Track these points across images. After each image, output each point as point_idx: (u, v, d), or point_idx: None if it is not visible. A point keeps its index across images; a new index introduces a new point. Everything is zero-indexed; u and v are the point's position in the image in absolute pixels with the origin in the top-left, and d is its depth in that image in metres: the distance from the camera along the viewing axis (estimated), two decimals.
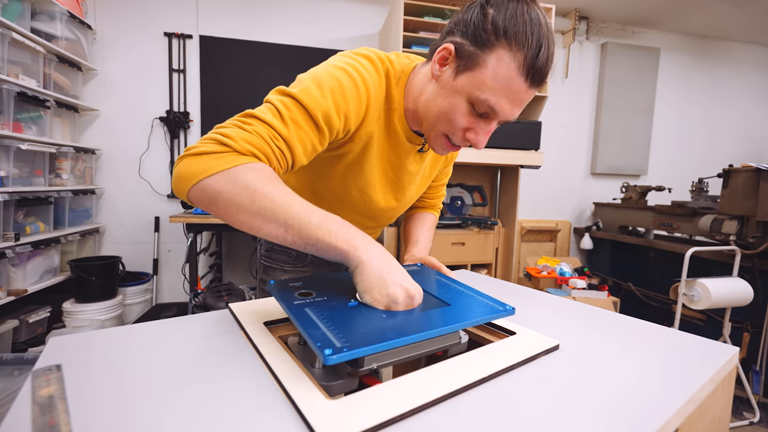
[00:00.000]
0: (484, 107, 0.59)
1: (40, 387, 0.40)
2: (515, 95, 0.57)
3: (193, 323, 0.59)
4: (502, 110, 0.58)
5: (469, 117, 0.61)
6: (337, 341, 0.40)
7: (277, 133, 0.55)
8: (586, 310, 0.71)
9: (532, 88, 0.58)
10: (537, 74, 0.56)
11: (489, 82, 0.56)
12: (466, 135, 0.64)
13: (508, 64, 0.55)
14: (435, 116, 0.64)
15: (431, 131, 0.67)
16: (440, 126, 0.65)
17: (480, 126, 0.62)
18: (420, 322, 0.47)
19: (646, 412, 0.39)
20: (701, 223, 2.27)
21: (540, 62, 0.55)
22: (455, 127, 0.63)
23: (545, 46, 0.55)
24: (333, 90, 0.59)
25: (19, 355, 1.47)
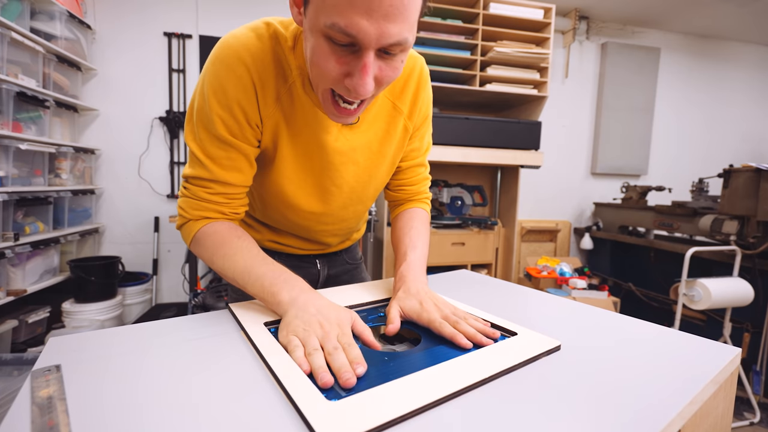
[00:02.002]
0: (340, 36, 0.45)
1: (40, 387, 0.40)
2: (369, 4, 0.42)
3: (193, 323, 0.59)
4: (363, 30, 0.43)
5: (335, 57, 0.47)
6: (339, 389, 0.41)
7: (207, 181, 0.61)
8: (587, 310, 0.71)
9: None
10: None
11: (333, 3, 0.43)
12: (345, 82, 0.49)
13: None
14: (311, 72, 0.52)
15: (317, 91, 0.54)
16: (319, 82, 0.52)
17: (353, 64, 0.48)
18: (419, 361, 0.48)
19: (647, 413, 0.39)
20: (701, 223, 2.27)
21: None
22: (329, 77, 0.50)
23: None
24: (217, 95, 0.55)
25: (18, 356, 1.47)
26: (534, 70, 2.43)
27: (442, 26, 2.27)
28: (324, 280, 0.87)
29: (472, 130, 2.28)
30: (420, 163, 0.81)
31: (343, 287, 0.77)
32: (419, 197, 0.83)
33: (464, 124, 2.26)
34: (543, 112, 2.52)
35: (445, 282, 0.87)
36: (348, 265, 0.92)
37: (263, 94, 0.58)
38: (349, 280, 0.91)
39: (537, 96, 2.44)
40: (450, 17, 2.32)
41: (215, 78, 0.56)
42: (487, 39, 2.34)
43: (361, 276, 0.95)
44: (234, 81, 0.55)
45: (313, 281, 0.85)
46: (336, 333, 0.48)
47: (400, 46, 0.48)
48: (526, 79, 2.41)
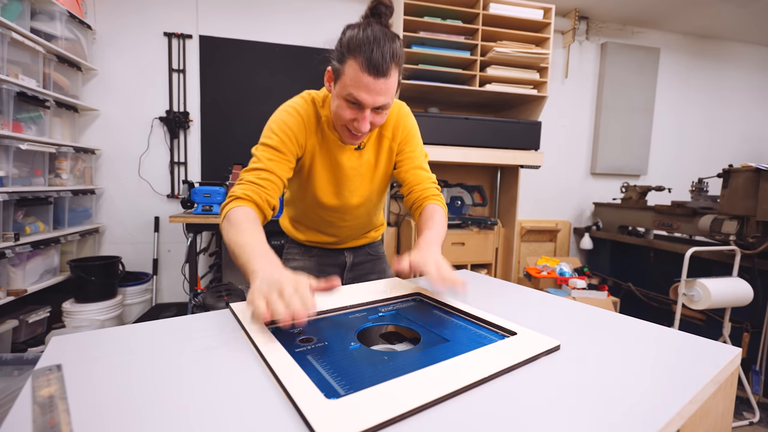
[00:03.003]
0: (352, 99, 0.81)
1: (41, 387, 0.40)
2: (367, 87, 0.79)
3: (193, 323, 0.59)
4: (365, 99, 0.80)
5: (349, 110, 0.84)
6: (341, 388, 0.41)
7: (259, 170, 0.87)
8: (586, 310, 0.71)
9: (380, 78, 0.78)
10: (375, 68, 0.77)
11: (348, 82, 0.80)
12: (354, 124, 0.85)
13: (354, 68, 0.79)
14: (334, 116, 0.89)
15: (337, 127, 0.91)
16: (339, 122, 0.89)
17: (359, 115, 0.84)
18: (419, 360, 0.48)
19: (647, 412, 0.39)
20: (701, 223, 2.27)
21: (375, 58, 0.77)
22: (345, 120, 0.85)
23: (377, 48, 0.77)
24: (280, 126, 0.91)
25: (18, 355, 1.47)
26: (534, 70, 2.44)
27: (442, 26, 2.27)
28: (350, 266, 1.16)
29: (472, 130, 2.28)
30: (418, 165, 1.03)
31: (345, 287, 0.78)
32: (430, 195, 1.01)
33: (464, 124, 2.27)
34: (543, 112, 2.52)
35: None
36: (370, 256, 1.20)
37: (308, 129, 0.94)
38: (371, 268, 1.20)
39: (537, 96, 2.45)
40: (450, 17, 2.32)
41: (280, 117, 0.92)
42: (486, 39, 2.34)
43: (382, 266, 1.22)
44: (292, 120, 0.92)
45: (341, 266, 1.16)
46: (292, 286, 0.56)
47: (383, 107, 0.84)
48: (526, 79, 2.41)
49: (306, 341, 0.53)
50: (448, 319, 0.64)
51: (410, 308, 0.69)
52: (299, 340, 0.54)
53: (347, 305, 0.67)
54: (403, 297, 0.75)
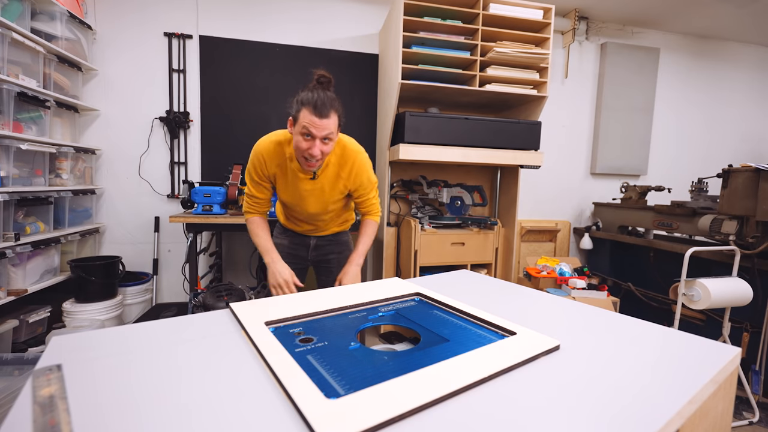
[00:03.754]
0: (306, 132, 1.16)
1: (41, 387, 0.40)
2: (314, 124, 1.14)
3: (193, 323, 0.59)
4: (314, 131, 1.15)
5: (305, 141, 1.17)
6: (340, 388, 0.41)
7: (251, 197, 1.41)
8: (586, 310, 0.71)
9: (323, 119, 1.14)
10: (320, 111, 1.13)
11: (303, 122, 1.15)
12: (308, 151, 1.18)
13: (305, 112, 1.14)
14: (295, 148, 1.23)
15: (298, 158, 1.27)
16: (297, 152, 1.23)
17: (310, 144, 1.17)
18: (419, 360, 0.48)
19: (647, 412, 0.39)
20: (701, 223, 2.28)
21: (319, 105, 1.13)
22: (302, 149, 1.19)
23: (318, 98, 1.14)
24: (254, 166, 1.35)
25: (19, 355, 1.47)
26: (534, 70, 2.44)
27: (441, 26, 2.27)
28: (313, 247, 1.56)
29: (472, 130, 2.28)
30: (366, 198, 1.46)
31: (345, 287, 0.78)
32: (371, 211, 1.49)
33: (464, 124, 2.27)
34: (543, 112, 2.52)
35: (446, 282, 0.88)
36: (331, 241, 1.58)
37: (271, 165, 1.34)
38: (330, 249, 1.57)
39: (537, 96, 2.45)
40: (450, 17, 2.32)
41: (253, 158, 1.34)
42: (486, 39, 2.34)
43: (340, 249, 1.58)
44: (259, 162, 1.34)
45: (306, 246, 1.56)
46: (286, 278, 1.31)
47: (329, 138, 1.18)
48: (526, 80, 2.41)
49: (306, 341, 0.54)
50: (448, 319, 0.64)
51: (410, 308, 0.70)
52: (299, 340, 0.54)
53: (347, 305, 0.67)
54: (403, 297, 0.75)
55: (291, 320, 0.61)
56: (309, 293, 0.72)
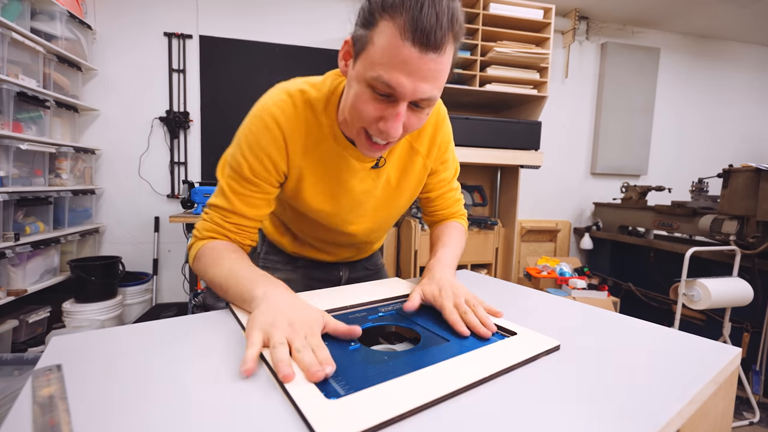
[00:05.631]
0: (381, 86, 0.53)
1: (41, 387, 0.40)
2: (408, 64, 0.51)
3: (193, 323, 0.59)
4: (400, 85, 0.52)
5: (374, 104, 0.56)
6: (340, 388, 0.41)
7: (225, 211, 0.69)
8: (586, 310, 0.71)
9: (427, 53, 0.51)
10: (423, 35, 0.49)
11: (377, 57, 0.52)
12: (378, 125, 0.58)
13: (389, 33, 0.51)
14: (349, 113, 0.61)
15: (351, 130, 0.63)
16: (355, 122, 0.60)
17: (388, 111, 0.56)
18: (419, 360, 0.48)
19: (647, 412, 0.39)
20: (701, 223, 2.27)
21: (424, 22, 0.49)
22: (365, 119, 0.58)
23: (428, 4, 0.49)
24: (250, 144, 0.67)
25: (18, 355, 1.47)
26: (534, 70, 2.43)
27: None
28: (345, 282, 0.96)
29: (472, 130, 2.28)
30: (449, 188, 0.89)
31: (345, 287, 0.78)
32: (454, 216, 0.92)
33: (464, 124, 2.27)
34: (543, 112, 2.52)
35: None
36: (368, 270, 1.01)
37: (293, 148, 0.69)
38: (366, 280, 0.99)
39: (537, 96, 2.45)
40: None
41: (250, 131, 0.67)
42: (487, 39, 2.34)
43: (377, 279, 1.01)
44: (268, 137, 0.66)
45: (334, 282, 0.95)
46: (305, 333, 0.48)
47: (427, 101, 0.57)
48: (526, 79, 2.41)
49: None
50: None
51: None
52: None
53: (347, 305, 0.67)
54: (403, 297, 0.74)
55: None
56: (309, 293, 0.72)
